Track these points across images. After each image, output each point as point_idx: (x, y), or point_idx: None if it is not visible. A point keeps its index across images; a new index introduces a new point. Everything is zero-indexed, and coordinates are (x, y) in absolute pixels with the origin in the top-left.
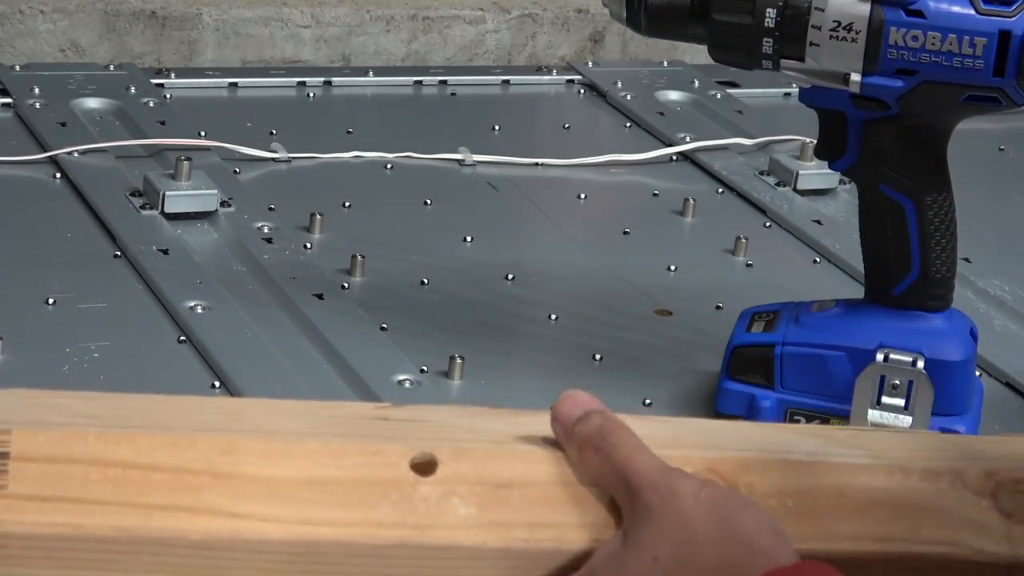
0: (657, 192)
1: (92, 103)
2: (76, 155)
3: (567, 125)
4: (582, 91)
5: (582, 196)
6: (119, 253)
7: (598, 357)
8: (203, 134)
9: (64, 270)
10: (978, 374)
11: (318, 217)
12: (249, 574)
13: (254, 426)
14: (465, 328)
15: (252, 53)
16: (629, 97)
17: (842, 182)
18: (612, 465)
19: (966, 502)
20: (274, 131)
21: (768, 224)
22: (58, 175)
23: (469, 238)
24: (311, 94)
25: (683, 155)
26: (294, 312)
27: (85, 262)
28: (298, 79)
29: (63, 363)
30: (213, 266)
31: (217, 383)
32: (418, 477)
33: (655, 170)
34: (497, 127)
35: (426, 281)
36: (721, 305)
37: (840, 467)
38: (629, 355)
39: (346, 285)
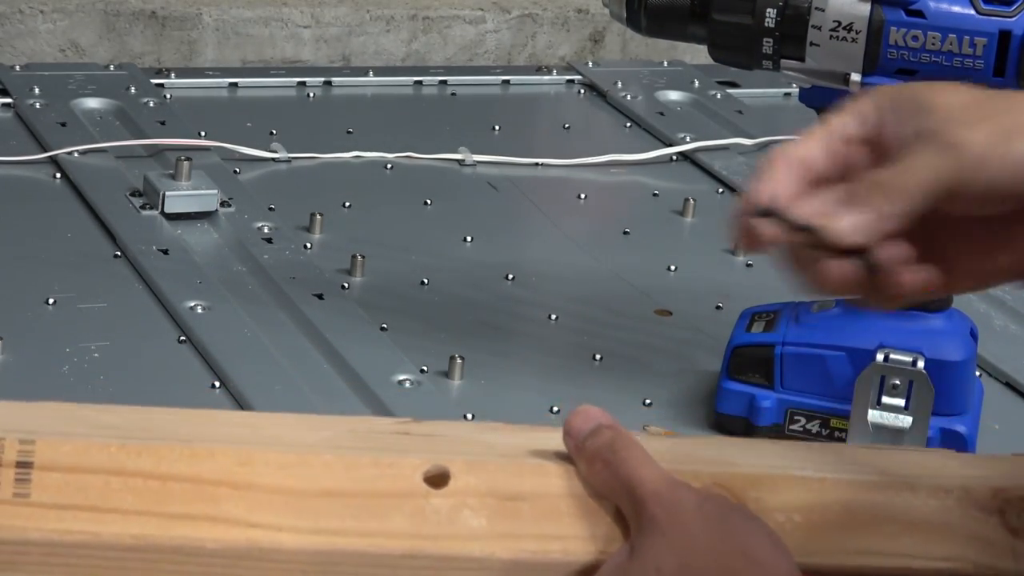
0: (657, 192)
1: (92, 103)
2: (76, 155)
3: (567, 125)
4: (582, 91)
5: (582, 196)
6: (119, 253)
7: (598, 357)
8: (203, 134)
9: (64, 270)
10: (978, 374)
11: (318, 217)
12: None
13: (271, 438)
14: (465, 328)
15: (252, 53)
16: (629, 97)
17: None
18: (619, 478)
19: (973, 519)
20: (274, 131)
21: None
22: (58, 175)
23: (469, 238)
24: (311, 94)
25: (683, 155)
26: (294, 312)
27: (85, 262)
28: (298, 79)
29: (63, 363)
30: (213, 266)
31: (217, 383)
32: (430, 489)
33: (655, 170)
34: (497, 127)
35: (426, 281)
36: (721, 305)
37: (848, 483)
38: (629, 355)
39: (346, 285)
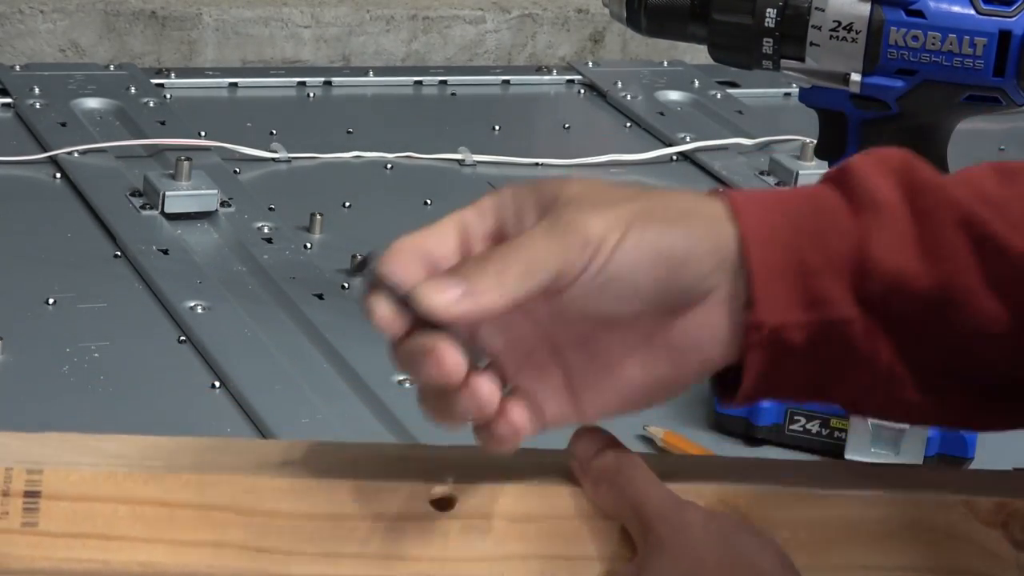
0: None
1: (92, 103)
2: (76, 155)
3: (567, 125)
4: (582, 91)
5: None
6: (119, 253)
7: None
8: (203, 134)
9: (64, 270)
10: None
11: (318, 217)
12: None
13: (277, 465)
14: None
15: (252, 53)
16: (629, 97)
17: None
18: (625, 498)
19: (977, 532)
20: (274, 131)
21: None
22: (58, 175)
23: None
24: (311, 94)
25: (683, 155)
26: (294, 312)
27: (85, 262)
28: (298, 79)
29: (63, 363)
30: (213, 266)
31: (217, 383)
32: (437, 512)
33: (655, 170)
34: (497, 127)
35: None
36: None
37: (853, 499)
38: None
39: (346, 285)
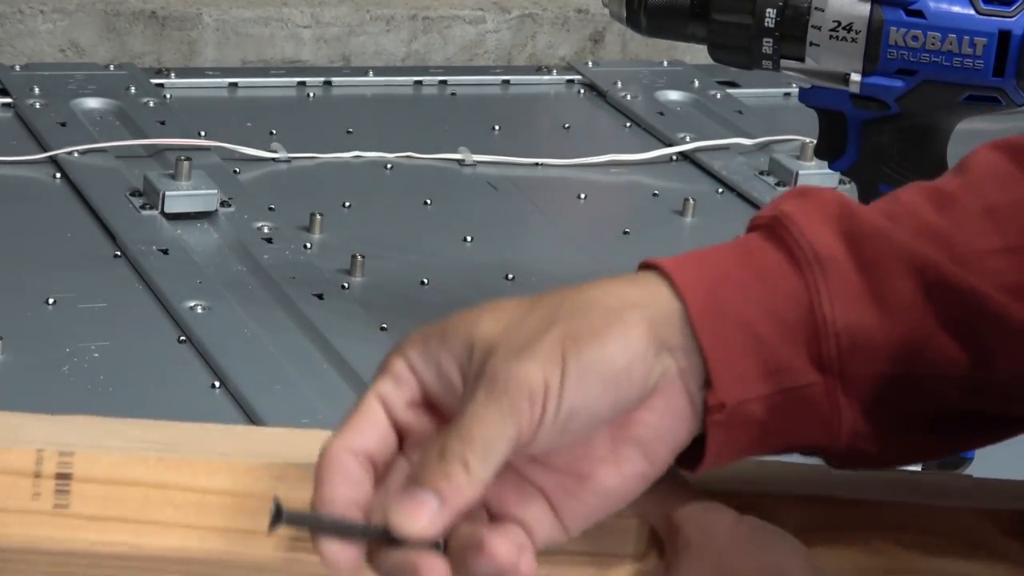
0: (657, 192)
1: (92, 103)
2: (76, 155)
3: (567, 125)
4: (582, 91)
5: (582, 196)
6: (119, 253)
7: None
8: (203, 134)
9: (64, 270)
10: None
11: (318, 217)
12: None
13: (306, 453)
14: None
15: (252, 53)
16: (629, 97)
17: (842, 182)
18: (652, 500)
19: (996, 542)
20: (274, 131)
21: None
22: (58, 175)
23: (469, 238)
24: (311, 94)
25: (683, 155)
26: (294, 312)
27: (85, 262)
28: (298, 79)
29: (63, 363)
30: (213, 266)
31: (217, 383)
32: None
33: (655, 170)
34: (497, 127)
35: (426, 281)
36: None
37: (873, 504)
38: None
39: (346, 285)
